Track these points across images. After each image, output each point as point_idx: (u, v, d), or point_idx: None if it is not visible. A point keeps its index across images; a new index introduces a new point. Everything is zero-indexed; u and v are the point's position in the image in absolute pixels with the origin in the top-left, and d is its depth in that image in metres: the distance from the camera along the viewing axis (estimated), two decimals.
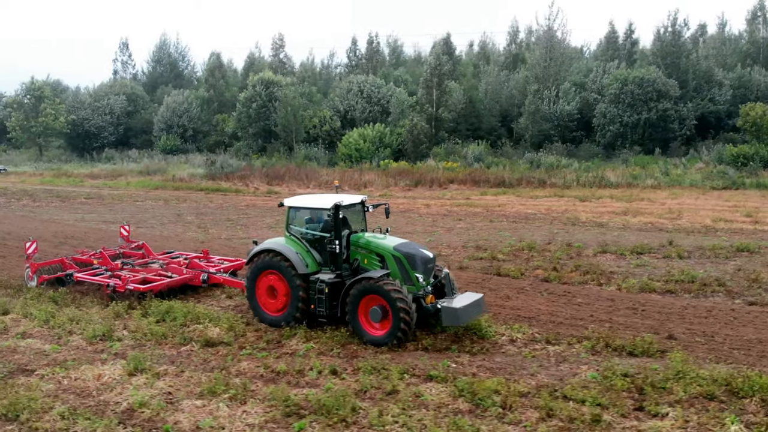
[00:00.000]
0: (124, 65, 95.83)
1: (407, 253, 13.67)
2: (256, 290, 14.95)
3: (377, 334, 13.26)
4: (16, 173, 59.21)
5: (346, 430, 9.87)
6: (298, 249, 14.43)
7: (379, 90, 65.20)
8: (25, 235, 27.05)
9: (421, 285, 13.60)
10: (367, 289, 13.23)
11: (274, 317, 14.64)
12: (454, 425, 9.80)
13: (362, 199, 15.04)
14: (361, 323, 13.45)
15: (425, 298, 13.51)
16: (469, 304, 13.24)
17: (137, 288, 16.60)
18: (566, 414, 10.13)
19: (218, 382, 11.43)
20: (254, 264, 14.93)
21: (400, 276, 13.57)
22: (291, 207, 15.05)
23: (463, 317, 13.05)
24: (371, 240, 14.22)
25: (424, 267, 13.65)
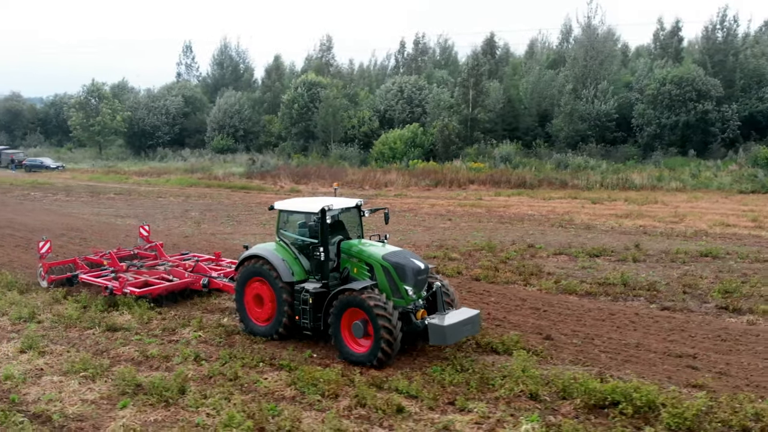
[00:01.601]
0: (187, 68, 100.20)
1: (396, 263, 12.45)
2: (244, 298, 14.17)
3: (360, 351, 12.20)
4: (72, 170, 63.33)
5: (162, 410, 10.64)
6: (286, 255, 13.53)
7: (420, 91, 65.53)
8: (37, 227, 29.45)
9: (411, 298, 12.42)
10: (348, 302, 12.17)
11: (262, 328, 13.88)
12: (258, 408, 10.41)
13: (357, 203, 14.02)
14: (343, 339, 12.39)
15: (416, 313, 12.37)
16: (459, 322, 12.11)
17: (133, 292, 16.30)
18: (373, 403, 10.53)
19: (82, 362, 12.45)
20: (242, 270, 14.16)
21: (388, 288, 12.45)
22: (281, 210, 14.18)
23: (451, 336, 11.95)
24: (361, 248, 13.07)
25: (415, 278, 12.42)
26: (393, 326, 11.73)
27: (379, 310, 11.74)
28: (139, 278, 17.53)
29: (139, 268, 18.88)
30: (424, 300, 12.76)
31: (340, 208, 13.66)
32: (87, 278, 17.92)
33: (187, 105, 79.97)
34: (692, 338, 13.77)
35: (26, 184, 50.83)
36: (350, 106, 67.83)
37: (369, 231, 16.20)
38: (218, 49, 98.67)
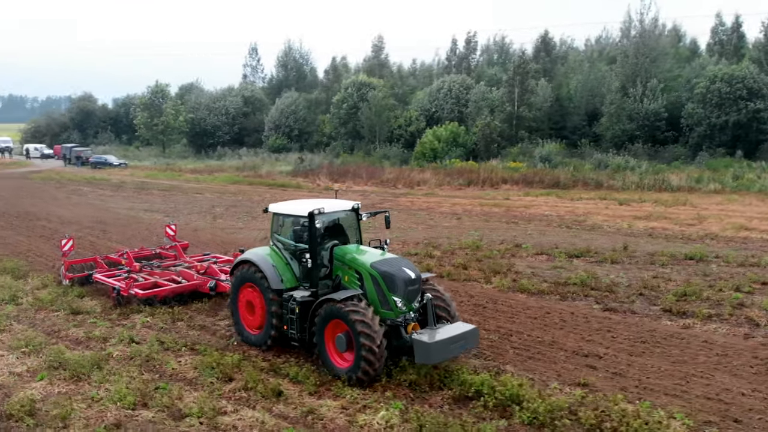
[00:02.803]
0: (252, 69, 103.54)
1: (384, 272, 11.51)
2: (238, 304, 13.61)
3: (342, 366, 11.38)
4: (134, 167, 66.90)
5: (71, 384, 11.70)
6: (277, 261, 12.84)
7: (467, 90, 65.46)
8: (69, 220, 31.71)
9: (400, 310, 11.47)
10: (330, 313, 11.41)
11: (254, 336, 13.30)
12: (145, 386, 11.31)
13: (354, 206, 13.20)
14: (327, 352, 11.64)
15: (406, 327, 11.43)
16: (449, 338, 11.03)
17: (137, 293, 16.21)
18: (258, 386, 11.23)
19: (26, 340, 13.72)
20: (235, 276, 13.65)
21: (377, 298, 11.57)
22: (275, 213, 13.43)
23: (437, 354, 10.89)
24: (354, 254, 12.19)
25: (405, 289, 11.46)
26: (376, 341, 10.76)
27: (361, 325, 10.82)
28: (150, 279, 17.35)
29: (153, 269, 18.68)
30: (416, 312, 11.65)
31: (333, 212, 12.88)
32: (99, 278, 17.79)
33: (246, 105, 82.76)
34: (613, 339, 13.70)
35: (83, 179, 54.24)
36: (398, 105, 68.51)
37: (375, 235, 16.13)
38: (282, 51, 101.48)
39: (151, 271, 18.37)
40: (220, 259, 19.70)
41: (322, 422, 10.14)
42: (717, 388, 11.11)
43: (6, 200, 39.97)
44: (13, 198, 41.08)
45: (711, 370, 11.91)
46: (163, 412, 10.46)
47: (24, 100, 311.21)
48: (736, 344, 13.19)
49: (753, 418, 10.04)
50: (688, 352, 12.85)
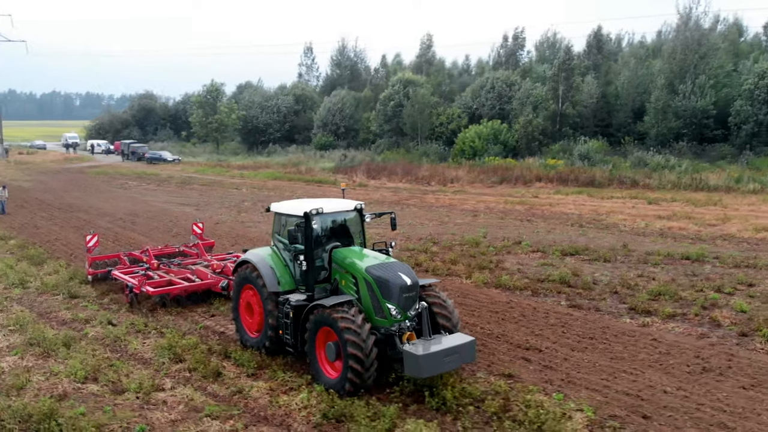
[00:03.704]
0: (307, 68, 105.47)
1: (378, 277, 10.90)
2: (239, 306, 13.30)
3: (332, 376, 10.91)
4: (186, 163, 69.46)
5: (39, 359, 12.80)
6: (276, 263, 12.44)
7: (510, 87, 64.96)
8: (106, 212, 33.58)
9: (395, 319, 10.83)
10: (320, 320, 10.93)
11: (253, 339, 12.94)
12: (98, 362, 12.27)
13: (357, 206, 12.60)
14: (318, 360, 11.18)
15: (401, 336, 10.76)
16: (442, 351, 10.29)
17: (148, 291, 16.08)
18: (201, 367, 12.02)
19: (16, 319, 14.97)
20: (236, 276, 13.39)
21: (371, 305, 11.00)
22: (276, 213, 12.90)
23: (428, 368, 10.14)
24: (352, 258, 11.58)
25: (400, 296, 10.79)
26: (364, 350, 10.25)
27: (348, 332, 10.30)
28: (165, 277, 17.30)
29: (170, 267, 18.47)
30: (413, 321, 10.97)
31: (333, 212, 12.36)
32: (117, 274, 17.68)
33: (298, 103, 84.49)
34: (562, 334, 13.84)
35: (134, 174, 56.85)
36: (441, 103, 68.62)
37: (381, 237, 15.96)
38: (337, 50, 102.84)
39: (169, 269, 18.17)
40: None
41: (246, 401, 10.82)
42: (641, 385, 11.17)
43: (55, 193, 42.52)
44: (62, 191, 43.62)
45: (645, 368, 11.95)
46: (107, 387, 11.38)
47: (101, 98, 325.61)
48: (684, 343, 13.12)
49: (663, 414, 10.11)
50: (632, 349, 12.88)
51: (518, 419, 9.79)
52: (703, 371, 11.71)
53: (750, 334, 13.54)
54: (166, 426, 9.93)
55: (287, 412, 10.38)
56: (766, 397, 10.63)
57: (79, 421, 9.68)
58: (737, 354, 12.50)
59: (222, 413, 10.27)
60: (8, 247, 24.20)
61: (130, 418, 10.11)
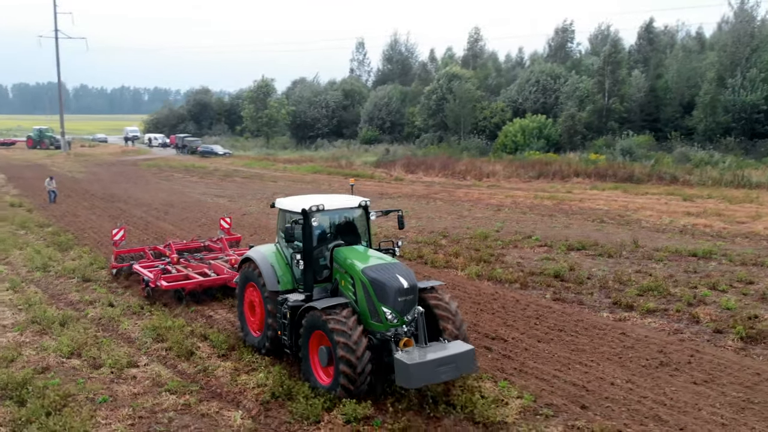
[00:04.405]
0: (359, 63, 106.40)
1: (374, 279, 10.39)
2: (243, 304, 13.08)
3: (324, 382, 10.51)
4: (236, 157, 71.30)
5: (36, 335, 13.83)
6: (277, 261, 12.09)
7: (555, 80, 64.06)
8: (144, 202, 35.13)
9: (391, 324, 10.28)
10: (312, 323, 10.54)
11: (255, 338, 12.65)
12: (85, 339, 13.18)
13: (361, 203, 12.04)
14: (312, 364, 10.77)
15: (398, 342, 10.12)
16: (435, 360, 9.66)
17: (162, 286, 15.95)
18: (178, 347, 12.77)
19: (26, 299, 16.13)
20: (240, 273, 13.16)
21: (366, 308, 10.50)
22: (281, 209, 12.40)
23: (419, 378, 9.54)
24: (351, 258, 11.03)
25: (396, 299, 10.22)
26: (356, 353, 9.80)
27: (339, 334, 9.88)
28: (183, 272, 17.22)
29: (190, 261, 18.48)
30: (410, 326, 10.37)
31: (335, 209, 11.88)
32: (137, 268, 17.69)
33: (346, 98, 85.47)
34: (533, 326, 14.00)
35: (182, 166, 58.86)
36: (486, 96, 68.26)
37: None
38: (388, 45, 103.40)
39: (189, 264, 18.12)
40: None
41: (208, 379, 11.50)
42: (592, 377, 11.29)
43: (103, 183, 44.62)
44: (110, 182, 45.73)
45: (603, 360, 12.03)
46: (87, 362, 12.25)
47: (168, 92, 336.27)
48: (652, 338, 13.09)
49: (601, 405, 10.24)
50: (597, 342, 12.95)
51: (452, 403, 10.10)
52: (659, 365, 11.72)
53: (725, 331, 13.38)
54: (127, 398, 10.69)
55: (242, 390, 10.99)
56: (713, 393, 10.59)
57: (46, 390, 10.55)
58: (702, 350, 12.41)
59: (181, 389, 10.97)
60: (43, 233, 25.73)
61: (98, 390, 10.92)
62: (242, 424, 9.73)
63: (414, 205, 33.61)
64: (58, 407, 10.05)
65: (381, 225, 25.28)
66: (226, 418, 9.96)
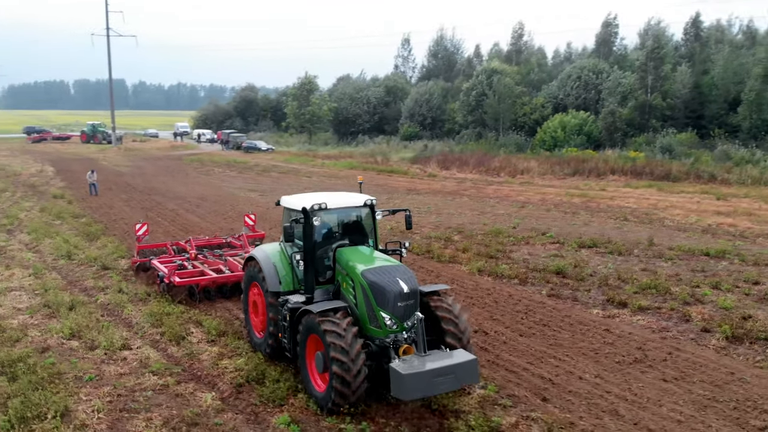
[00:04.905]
0: (404, 60, 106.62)
1: (373, 283, 9.96)
2: (249, 304, 12.79)
3: (321, 389, 10.01)
4: (278, 152, 72.54)
5: (45, 318, 14.69)
6: (280, 260, 11.72)
7: (598, 75, 62.95)
8: (179, 195, 36.31)
9: (390, 329, 9.86)
10: (309, 327, 10.11)
11: (258, 339, 12.34)
12: (88, 323, 13.94)
13: (367, 202, 11.53)
14: (308, 370, 10.33)
15: (398, 349, 9.72)
16: (435, 370, 9.18)
17: (175, 282, 15.98)
18: (172, 331, 13.41)
19: (43, 285, 17.08)
20: (245, 273, 12.92)
21: (365, 313, 10.08)
22: (285, 207, 11.98)
23: (415, 389, 9.08)
24: (353, 259, 10.61)
25: (395, 304, 9.81)
26: (350, 355, 9.31)
27: (332, 336, 9.44)
28: (199, 268, 17.26)
29: (208, 258, 18.39)
30: (410, 332, 9.89)
31: (339, 208, 11.46)
32: (154, 264, 17.77)
33: (389, 95, 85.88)
34: (520, 320, 14.13)
35: (224, 162, 60.30)
36: (527, 92, 67.60)
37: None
38: (434, 41, 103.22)
39: (206, 260, 18.08)
40: None
41: (192, 362, 12.07)
42: (562, 371, 11.39)
43: (145, 177, 46.23)
44: (151, 176, 47.32)
45: (578, 355, 12.09)
46: (85, 343, 12.99)
47: (223, 89, 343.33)
48: (635, 335, 13.05)
49: (563, 398, 10.36)
50: (578, 337, 12.99)
51: None
52: (634, 362, 11.72)
53: (712, 331, 13.22)
54: (113, 377, 11.34)
55: (221, 373, 11.52)
56: (680, 390, 10.56)
57: (37, 367, 11.31)
58: (683, 348, 12.33)
59: (163, 370, 11.56)
60: (77, 224, 26.97)
61: (87, 369, 11.62)
62: (211, 405, 10.23)
63: (438, 201, 33.77)
64: (46, 384, 10.75)
65: (395, 222, 25.55)
66: (198, 399, 10.48)
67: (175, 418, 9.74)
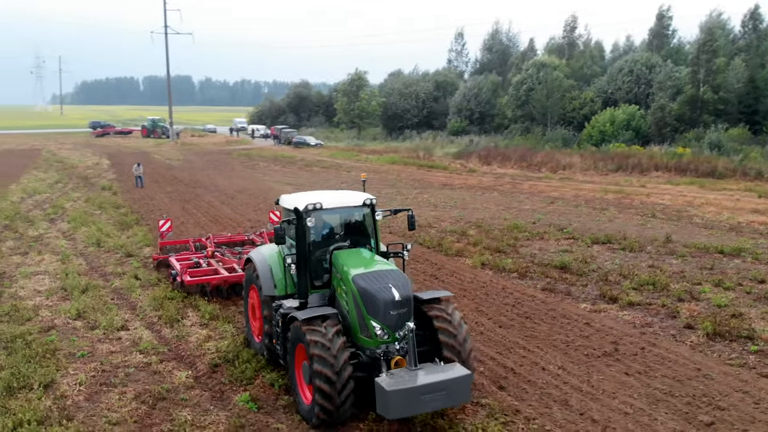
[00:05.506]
0: (457, 54, 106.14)
1: (363, 290, 9.42)
2: (248, 307, 12.35)
3: (308, 401, 9.40)
4: (326, 147, 73.49)
5: (59, 300, 15.75)
6: (277, 263, 11.16)
7: (651, 70, 61.31)
8: (219, 187, 37.59)
9: (381, 340, 9.32)
10: (295, 335, 9.56)
11: (257, 343, 11.87)
12: (95, 305, 14.89)
13: (366, 201, 10.92)
14: (297, 380, 9.75)
15: (389, 361, 9.18)
16: (421, 386, 8.51)
17: (185, 280, 15.75)
18: (167, 314, 14.22)
19: (65, 270, 18.22)
20: (245, 274, 12.59)
21: (356, 321, 9.57)
22: (284, 207, 11.46)
23: (398, 407, 8.42)
24: (348, 264, 10.00)
25: (386, 313, 9.26)
26: (334, 367, 8.72)
27: (315, 346, 8.86)
28: (213, 266, 17.07)
29: (224, 255, 18.26)
30: (403, 342, 9.23)
31: (335, 208, 10.88)
32: (171, 261, 17.75)
33: (438, 89, 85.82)
34: (504, 313, 14.30)
35: (272, 156, 61.69)
36: (577, 86, 66.44)
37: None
38: (489, 34, 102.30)
39: (222, 258, 17.87)
40: None
41: (180, 343, 12.80)
42: (527, 362, 11.57)
43: (192, 171, 47.89)
44: (199, 170, 48.95)
45: (549, 347, 12.22)
46: (87, 324, 13.93)
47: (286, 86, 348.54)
48: (614, 329, 13.05)
49: (519, 387, 10.56)
50: (555, 330, 13.09)
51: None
52: (602, 355, 11.77)
53: (695, 327, 13.08)
54: (104, 354, 12.19)
55: (203, 354, 12.21)
56: (638, 384, 10.59)
57: (34, 343, 12.27)
58: (658, 344, 12.28)
59: (150, 350, 12.33)
60: (115, 214, 28.38)
61: (82, 346, 12.51)
62: (183, 382, 10.91)
63: (468, 196, 33.85)
64: (40, 358, 11.66)
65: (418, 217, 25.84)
66: (173, 377, 11.17)
67: (146, 393, 10.44)
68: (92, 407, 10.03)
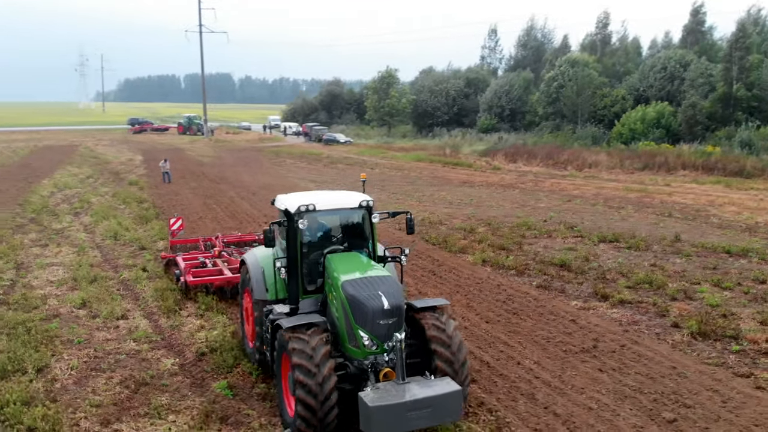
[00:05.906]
0: (491, 51, 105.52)
1: (351, 297, 8.97)
2: (244, 310, 12.02)
3: (292, 413, 8.93)
4: (355, 145, 74.09)
5: (68, 290, 16.42)
6: (269, 265, 10.70)
7: (686, 67, 60.10)
8: (243, 184, 38.33)
9: (369, 350, 8.86)
10: (280, 343, 9.18)
11: (251, 349, 11.46)
12: (102, 297, 15.50)
13: (362, 203, 10.43)
14: (283, 391, 9.34)
15: (378, 373, 8.71)
16: (407, 402, 8.03)
17: (188, 281, 15.66)
18: (166, 304, 14.74)
19: (78, 261, 18.96)
20: (240, 277, 12.29)
21: (344, 330, 9.12)
22: (279, 208, 10.87)
23: (381, 424, 7.91)
24: (339, 269, 9.54)
25: (374, 322, 8.78)
26: (315, 381, 8.31)
27: (298, 356, 8.49)
28: (219, 266, 16.89)
29: (230, 255, 17.99)
30: (392, 353, 8.71)
31: (329, 209, 10.40)
32: (177, 260, 17.63)
33: (469, 87, 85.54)
34: (491, 309, 14.43)
35: (301, 153, 62.41)
36: (609, 83, 65.55)
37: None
38: (524, 31, 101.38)
39: (229, 258, 17.66)
40: None
41: (173, 333, 13.30)
42: (504, 356, 11.72)
43: (221, 167, 48.83)
44: (228, 166, 49.89)
45: (529, 342, 12.35)
46: (90, 312, 14.54)
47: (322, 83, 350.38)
48: (597, 327, 13.10)
49: (490, 381, 10.73)
50: (539, 326, 13.19)
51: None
52: (580, 351, 11.84)
53: (681, 326, 13.03)
54: (99, 342, 12.75)
55: (192, 343, 12.66)
56: (609, 380, 10.66)
57: (35, 328, 12.91)
58: (640, 342, 12.29)
59: (143, 338, 12.85)
60: (138, 208, 29.22)
61: (81, 334, 13.09)
62: (168, 369, 11.38)
63: (485, 194, 33.86)
64: (38, 344, 12.27)
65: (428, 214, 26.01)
66: (160, 364, 11.65)
67: (131, 379, 10.93)
68: (78, 390, 10.55)
